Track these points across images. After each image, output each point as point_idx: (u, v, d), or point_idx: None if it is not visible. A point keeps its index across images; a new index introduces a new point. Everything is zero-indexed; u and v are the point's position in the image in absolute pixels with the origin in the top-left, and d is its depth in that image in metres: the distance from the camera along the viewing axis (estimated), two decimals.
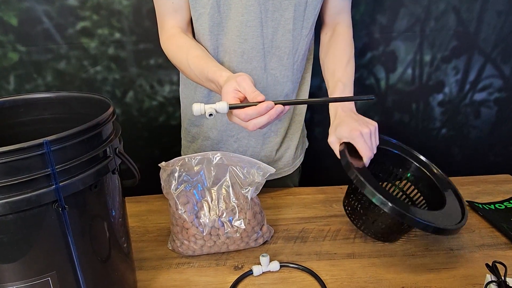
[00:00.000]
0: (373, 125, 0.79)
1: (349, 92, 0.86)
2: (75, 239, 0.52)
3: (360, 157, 0.77)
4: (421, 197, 0.86)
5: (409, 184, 0.88)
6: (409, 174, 0.88)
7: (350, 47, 0.92)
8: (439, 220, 0.70)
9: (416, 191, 0.87)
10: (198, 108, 0.65)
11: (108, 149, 0.55)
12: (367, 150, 0.77)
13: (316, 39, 0.97)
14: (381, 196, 0.67)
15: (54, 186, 0.47)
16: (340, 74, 0.87)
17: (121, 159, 0.58)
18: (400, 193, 0.89)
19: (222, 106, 0.65)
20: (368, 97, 0.70)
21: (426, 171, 0.86)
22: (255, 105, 0.65)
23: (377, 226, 0.79)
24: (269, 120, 0.65)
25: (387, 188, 0.90)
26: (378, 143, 0.80)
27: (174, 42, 0.85)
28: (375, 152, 0.79)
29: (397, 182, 0.89)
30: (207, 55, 0.83)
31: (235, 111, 0.66)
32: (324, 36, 0.96)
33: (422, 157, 0.88)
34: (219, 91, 0.74)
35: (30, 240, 0.49)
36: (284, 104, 0.67)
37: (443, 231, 0.68)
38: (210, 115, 0.65)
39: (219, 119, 0.95)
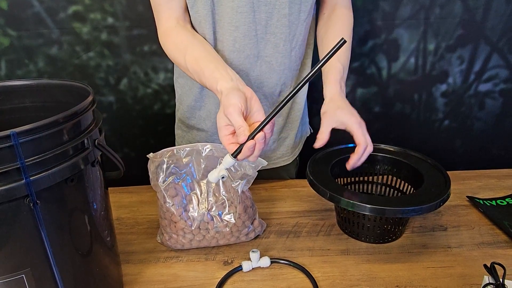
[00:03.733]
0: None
1: (345, 76, 0.85)
2: (51, 235, 0.50)
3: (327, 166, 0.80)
4: (407, 184, 0.84)
5: (391, 176, 0.87)
6: (386, 167, 0.87)
7: (349, 30, 0.90)
8: (421, 200, 0.70)
9: (399, 180, 0.86)
10: (214, 177, 0.66)
11: (86, 141, 0.52)
12: (365, 139, 0.76)
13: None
14: (356, 202, 0.68)
15: (24, 180, 0.44)
16: (340, 55, 0.84)
17: (101, 151, 0.55)
18: (387, 188, 0.88)
19: (228, 161, 0.65)
20: (340, 43, 0.63)
21: (399, 158, 0.85)
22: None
23: (375, 230, 0.77)
24: (260, 150, 0.64)
25: (371, 187, 0.89)
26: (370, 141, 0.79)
27: (170, 39, 0.81)
28: (371, 147, 0.78)
29: (379, 179, 0.89)
30: (204, 54, 0.77)
31: (240, 156, 0.64)
32: (322, 15, 0.92)
33: (386, 147, 0.88)
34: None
35: (1, 236, 0.47)
36: (267, 121, 0.63)
37: (428, 209, 0.69)
38: (223, 177, 0.66)
39: (212, 111, 0.92)
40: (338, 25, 0.88)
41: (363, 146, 0.76)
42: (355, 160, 0.78)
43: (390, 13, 1.10)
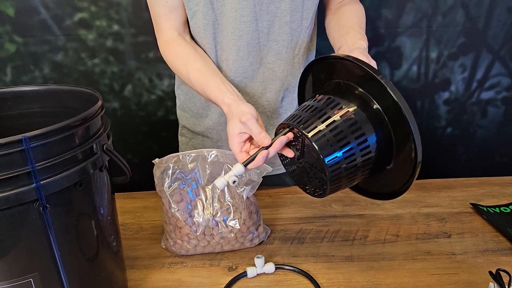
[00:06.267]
0: None
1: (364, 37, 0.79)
2: (59, 239, 0.50)
3: None
4: None
5: None
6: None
7: (363, 17, 0.88)
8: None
9: None
10: (221, 182, 0.64)
11: (95, 146, 0.52)
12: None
13: (319, 28, 0.94)
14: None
15: (34, 185, 0.45)
16: (357, 25, 0.81)
17: (109, 156, 0.55)
18: None
19: (239, 169, 0.64)
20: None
21: None
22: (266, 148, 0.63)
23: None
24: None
25: None
26: None
27: (172, 49, 0.83)
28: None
29: None
30: (208, 67, 0.80)
31: (250, 165, 0.64)
32: (329, 10, 0.91)
33: None
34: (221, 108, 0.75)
35: (11, 240, 0.47)
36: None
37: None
38: (234, 182, 0.65)
39: (216, 120, 0.93)
40: (351, 11, 0.86)
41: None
42: None
43: (392, 21, 1.11)
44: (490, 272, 0.62)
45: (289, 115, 0.66)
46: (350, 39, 0.76)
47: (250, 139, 0.67)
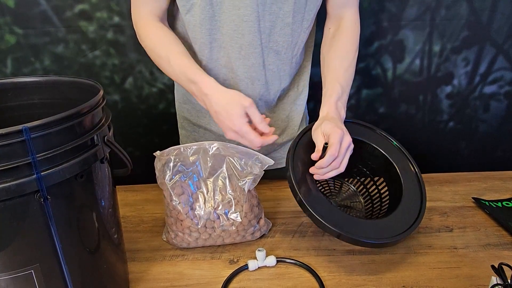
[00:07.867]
0: (351, 143, 0.74)
1: (345, 98, 0.82)
2: (60, 231, 0.50)
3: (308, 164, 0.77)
4: (386, 189, 0.83)
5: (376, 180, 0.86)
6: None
7: (354, 48, 0.87)
8: (384, 229, 0.70)
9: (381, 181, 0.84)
10: None
11: (96, 137, 0.52)
12: (335, 150, 0.70)
13: (319, 25, 0.93)
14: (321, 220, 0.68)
15: (35, 175, 0.44)
16: (340, 76, 0.83)
17: (110, 147, 0.55)
18: (363, 189, 0.88)
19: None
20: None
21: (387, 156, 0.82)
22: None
23: None
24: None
25: (351, 183, 0.90)
26: (346, 162, 0.74)
27: (153, 32, 0.82)
28: (340, 168, 0.73)
29: (362, 179, 0.88)
30: (188, 54, 0.82)
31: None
32: (328, 31, 0.90)
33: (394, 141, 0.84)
34: (199, 95, 0.78)
35: (11, 231, 0.47)
36: None
37: (377, 245, 0.69)
38: None
39: None
40: (342, 46, 0.86)
41: (332, 153, 0.70)
42: (319, 165, 0.72)
43: (396, 14, 1.10)
44: (493, 266, 0.62)
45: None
46: (322, 104, 0.81)
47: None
